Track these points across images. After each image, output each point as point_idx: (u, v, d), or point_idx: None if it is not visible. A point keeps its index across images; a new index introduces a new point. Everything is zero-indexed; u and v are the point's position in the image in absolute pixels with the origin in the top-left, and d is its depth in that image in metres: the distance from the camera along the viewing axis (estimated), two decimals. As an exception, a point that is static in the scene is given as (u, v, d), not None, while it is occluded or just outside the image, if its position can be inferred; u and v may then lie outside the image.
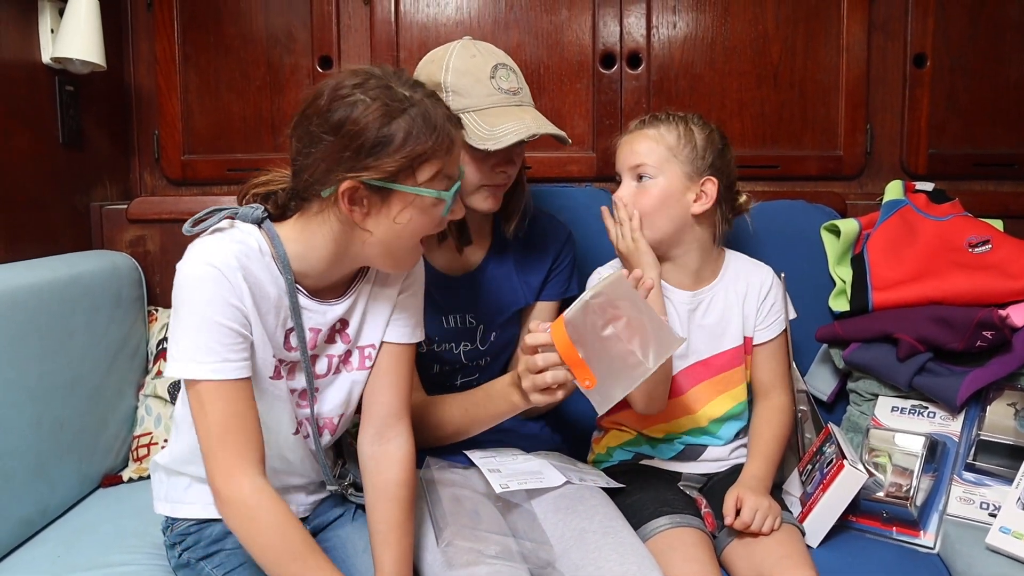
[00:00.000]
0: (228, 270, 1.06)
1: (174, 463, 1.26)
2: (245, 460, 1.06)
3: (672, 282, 1.55)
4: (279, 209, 1.18)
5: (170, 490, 1.27)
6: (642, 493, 1.46)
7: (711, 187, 1.50)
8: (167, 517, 1.28)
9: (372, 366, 1.26)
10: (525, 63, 2.02)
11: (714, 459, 1.55)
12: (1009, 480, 1.44)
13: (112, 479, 1.67)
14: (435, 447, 1.45)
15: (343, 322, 1.22)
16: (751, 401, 1.60)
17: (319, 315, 1.18)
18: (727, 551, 1.38)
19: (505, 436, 1.52)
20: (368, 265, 1.21)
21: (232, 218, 1.14)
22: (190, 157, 2.08)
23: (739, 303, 1.56)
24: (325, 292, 1.20)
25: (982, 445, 1.52)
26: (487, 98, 1.34)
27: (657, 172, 1.48)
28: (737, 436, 1.58)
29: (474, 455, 1.38)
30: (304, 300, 1.16)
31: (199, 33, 2.06)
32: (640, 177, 1.50)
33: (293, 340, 1.17)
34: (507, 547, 1.23)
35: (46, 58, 1.75)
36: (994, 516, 1.41)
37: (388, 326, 1.26)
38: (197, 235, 1.12)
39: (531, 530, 1.31)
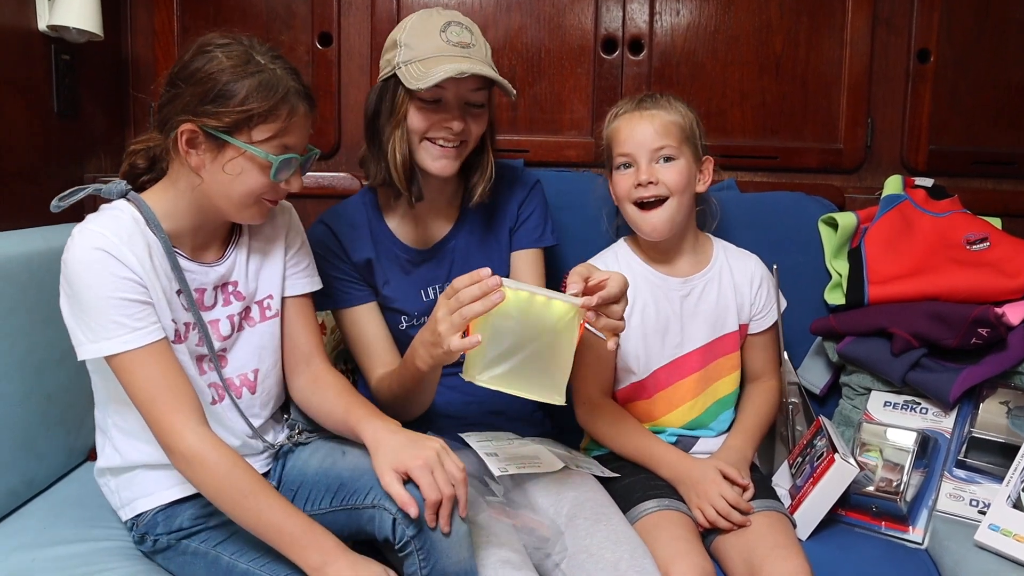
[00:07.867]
0: (112, 247, 1.12)
1: (115, 460, 1.27)
2: (181, 413, 1.12)
3: (665, 270, 1.57)
4: (151, 164, 1.26)
5: (122, 490, 1.28)
6: (632, 478, 1.46)
7: (709, 167, 1.56)
8: (131, 517, 1.28)
9: (276, 316, 1.34)
10: (526, 46, 2.00)
11: (705, 452, 1.54)
12: (999, 478, 1.44)
13: (99, 453, 1.66)
14: (415, 422, 1.43)
15: (230, 283, 1.29)
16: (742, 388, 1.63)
17: (200, 275, 1.24)
18: (718, 540, 1.39)
19: (497, 419, 1.52)
20: (226, 219, 1.26)
21: (97, 196, 1.21)
22: (186, 131, 2.06)
23: (732, 293, 1.58)
24: (204, 254, 1.27)
25: (974, 442, 1.52)
26: (432, 48, 1.35)
27: (678, 153, 1.49)
28: (728, 429, 1.58)
29: (470, 438, 1.37)
30: (184, 262, 1.22)
31: (198, 5, 2.03)
32: (663, 159, 1.49)
33: (184, 300, 1.21)
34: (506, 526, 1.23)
35: (42, 26, 1.72)
36: (983, 513, 1.41)
37: (285, 281, 1.35)
38: (66, 212, 1.21)
39: (527, 508, 1.31)
